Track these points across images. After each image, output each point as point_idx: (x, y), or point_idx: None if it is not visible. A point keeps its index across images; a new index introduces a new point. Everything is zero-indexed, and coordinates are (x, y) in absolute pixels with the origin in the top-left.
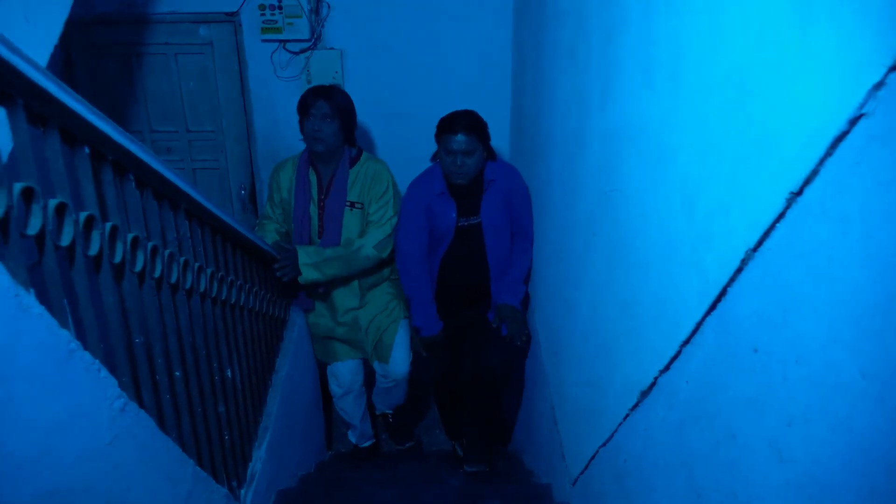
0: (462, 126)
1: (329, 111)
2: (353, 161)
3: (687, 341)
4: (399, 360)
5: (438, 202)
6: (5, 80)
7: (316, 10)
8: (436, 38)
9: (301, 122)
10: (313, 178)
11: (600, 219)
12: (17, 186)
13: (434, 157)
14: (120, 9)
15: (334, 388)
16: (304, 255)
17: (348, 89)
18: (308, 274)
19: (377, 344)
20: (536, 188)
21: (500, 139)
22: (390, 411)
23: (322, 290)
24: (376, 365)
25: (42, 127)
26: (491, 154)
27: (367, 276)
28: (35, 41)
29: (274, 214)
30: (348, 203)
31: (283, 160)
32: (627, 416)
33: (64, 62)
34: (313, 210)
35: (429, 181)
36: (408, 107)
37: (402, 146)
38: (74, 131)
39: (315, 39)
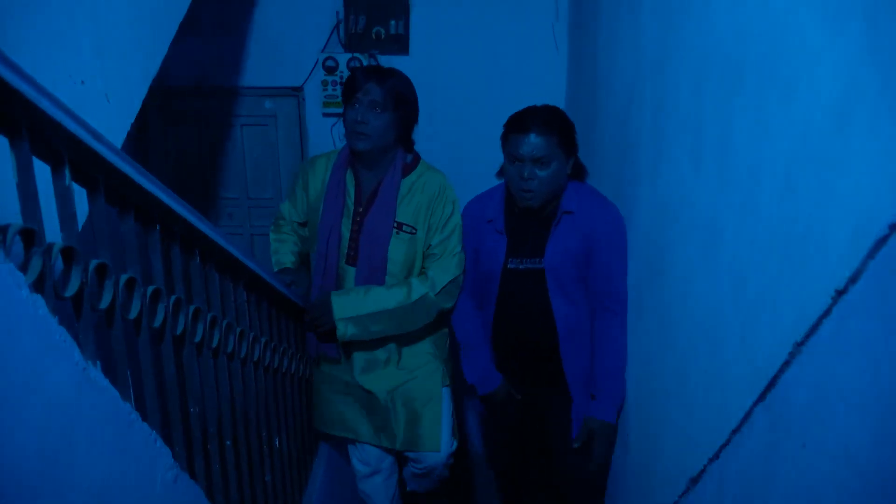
0: (536, 122)
1: (381, 98)
2: (408, 169)
3: (737, 429)
4: (440, 444)
5: (487, 231)
6: (91, 163)
7: None
8: (492, 117)
9: (344, 111)
10: (351, 183)
11: (648, 296)
12: (93, 263)
13: (500, 173)
14: (194, 82)
15: (357, 466)
16: (340, 308)
17: None
18: (346, 330)
19: (410, 424)
20: None
21: None
22: (421, 491)
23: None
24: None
25: (119, 206)
26: (577, 172)
27: None
28: (115, 118)
29: (290, 217)
30: (396, 224)
31: (317, 155)
32: (676, 503)
33: (138, 128)
34: (346, 226)
35: (484, 201)
36: (464, 176)
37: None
38: (149, 210)
39: None
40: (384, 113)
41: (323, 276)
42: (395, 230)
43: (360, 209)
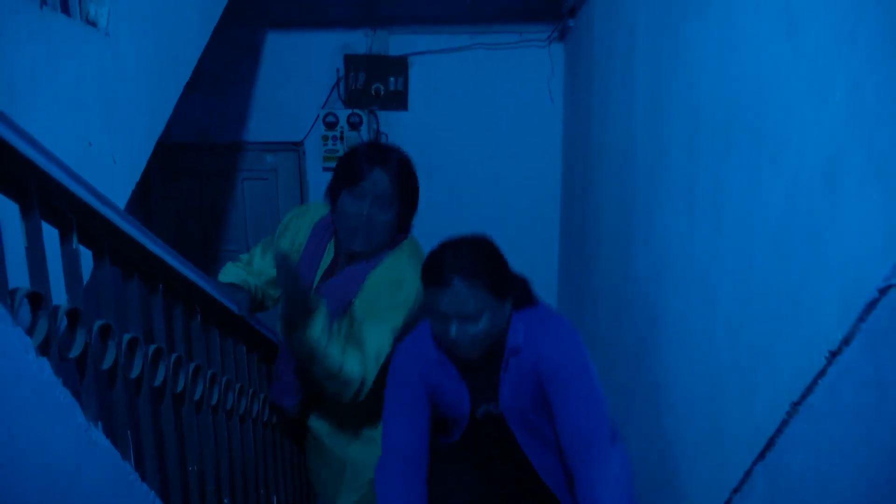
0: (457, 271)
1: (389, 190)
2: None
3: (738, 489)
4: None
5: (439, 374)
6: (98, 227)
7: (376, 137)
8: (490, 170)
9: (334, 193)
10: (330, 253)
11: (644, 352)
12: (97, 324)
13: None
14: (196, 138)
15: None
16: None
17: None
18: (314, 331)
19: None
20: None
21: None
22: None
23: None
24: None
25: (123, 267)
26: (522, 300)
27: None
28: (121, 178)
29: (255, 265)
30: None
31: (305, 208)
32: None
33: (140, 183)
34: (315, 279)
35: (419, 340)
36: (463, 230)
37: None
38: (152, 270)
39: None
40: (392, 207)
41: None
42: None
43: (323, 279)
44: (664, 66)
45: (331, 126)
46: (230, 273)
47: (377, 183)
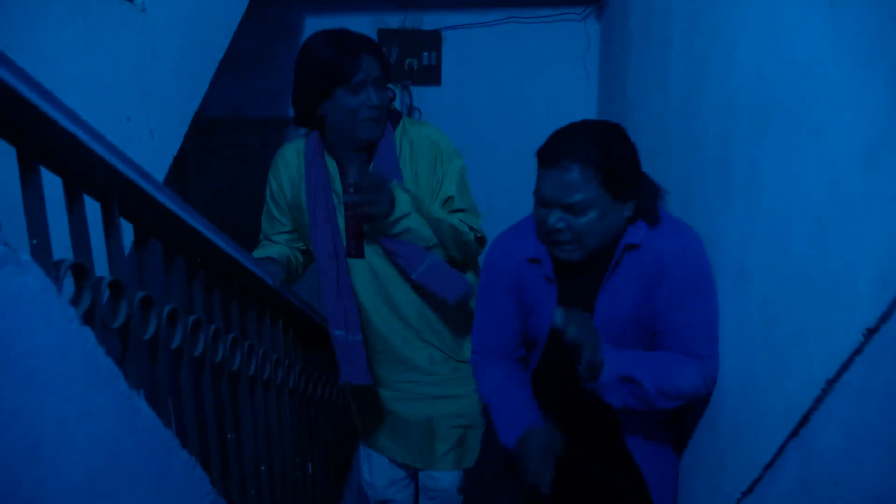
0: (569, 152)
1: (380, 71)
2: (394, 123)
3: (770, 464)
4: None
5: (530, 276)
6: (137, 200)
7: (409, 113)
8: (524, 146)
9: (320, 97)
10: (333, 167)
11: None
12: (138, 296)
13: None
14: (229, 114)
15: (366, 489)
16: (403, 202)
17: None
18: (403, 208)
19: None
20: None
21: None
22: None
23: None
24: (423, 475)
25: (163, 241)
26: (647, 213)
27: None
28: (158, 154)
29: (277, 227)
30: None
31: (285, 147)
32: None
33: (177, 162)
34: (340, 216)
35: (519, 235)
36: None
37: None
38: (191, 244)
39: None
40: (387, 86)
41: (337, 271)
42: None
43: (351, 190)
44: (701, 45)
45: None
46: (261, 251)
47: (370, 69)
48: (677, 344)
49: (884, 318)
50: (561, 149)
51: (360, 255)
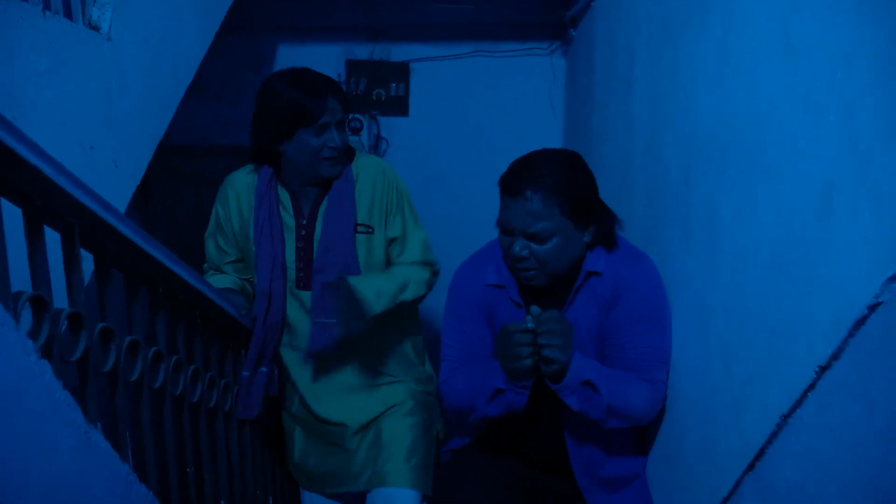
0: (531, 181)
1: (343, 112)
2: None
3: (727, 498)
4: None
5: (498, 300)
6: (99, 231)
7: (375, 146)
8: (490, 177)
9: (283, 137)
10: (286, 198)
11: None
12: (98, 327)
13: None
14: (196, 141)
15: None
16: (363, 285)
17: None
18: (377, 306)
19: (378, 456)
20: None
21: None
22: None
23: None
24: (371, 496)
25: (124, 271)
26: (605, 238)
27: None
28: (122, 183)
29: (223, 257)
30: (358, 225)
31: (235, 176)
32: None
33: (141, 188)
34: (290, 248)
35: (480, 262)
36: (463, 238)
37: None
38: (152, 275)
39: None
40: (347, 127)
41: (268, 309)
42: (361, 232)
43: (304, 221)
44: (663, 86)
45: None
46: (217, 281)
47: (335, 111)
48: (627, 365)
49: (835, 356)
50: (524, 178)
51: (309, 287)
